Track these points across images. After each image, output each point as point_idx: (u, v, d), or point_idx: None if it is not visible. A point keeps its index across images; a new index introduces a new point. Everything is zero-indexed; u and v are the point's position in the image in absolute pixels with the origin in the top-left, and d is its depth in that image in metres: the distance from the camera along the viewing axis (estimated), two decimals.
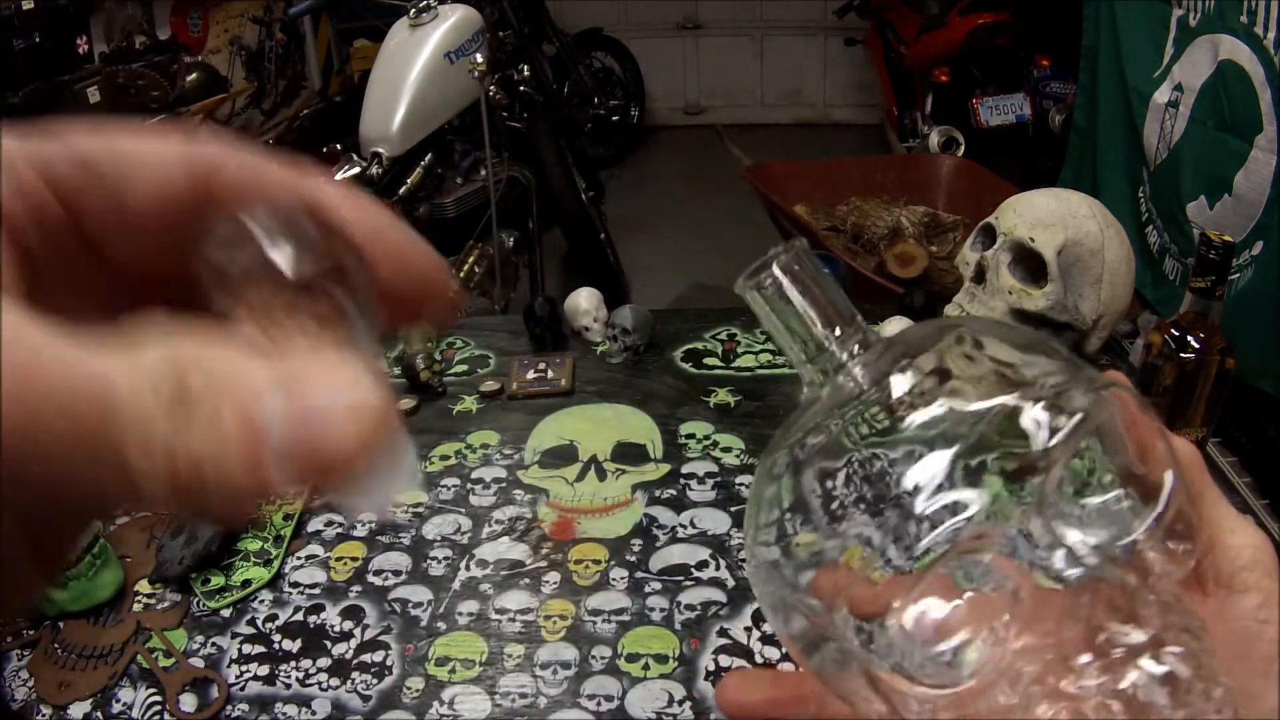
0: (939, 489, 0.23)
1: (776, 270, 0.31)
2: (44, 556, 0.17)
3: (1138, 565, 0.25)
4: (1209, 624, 0.27)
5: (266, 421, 0.15)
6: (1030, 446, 0.23)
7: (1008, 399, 0.24)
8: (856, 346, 0.28)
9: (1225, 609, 0.29)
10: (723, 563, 0.86)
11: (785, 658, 0.75)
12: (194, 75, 2.94)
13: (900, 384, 0.25)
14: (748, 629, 0.78)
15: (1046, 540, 0.24)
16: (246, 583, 0.86)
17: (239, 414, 0.15)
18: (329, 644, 0.80)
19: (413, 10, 2.44)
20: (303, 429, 0.15)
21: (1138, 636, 0.23)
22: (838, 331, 0.29)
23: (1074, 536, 0.24)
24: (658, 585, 0.84)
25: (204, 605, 0.84)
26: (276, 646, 0.80)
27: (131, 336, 0.16)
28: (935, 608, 0.24)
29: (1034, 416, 0.24)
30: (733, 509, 0.91)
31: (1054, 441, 0.23)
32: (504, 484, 0.99)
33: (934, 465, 0.23)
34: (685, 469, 1.00)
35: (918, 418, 0.24)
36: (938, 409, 0.24)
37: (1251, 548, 0.30)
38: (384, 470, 0.16)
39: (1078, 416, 0.24)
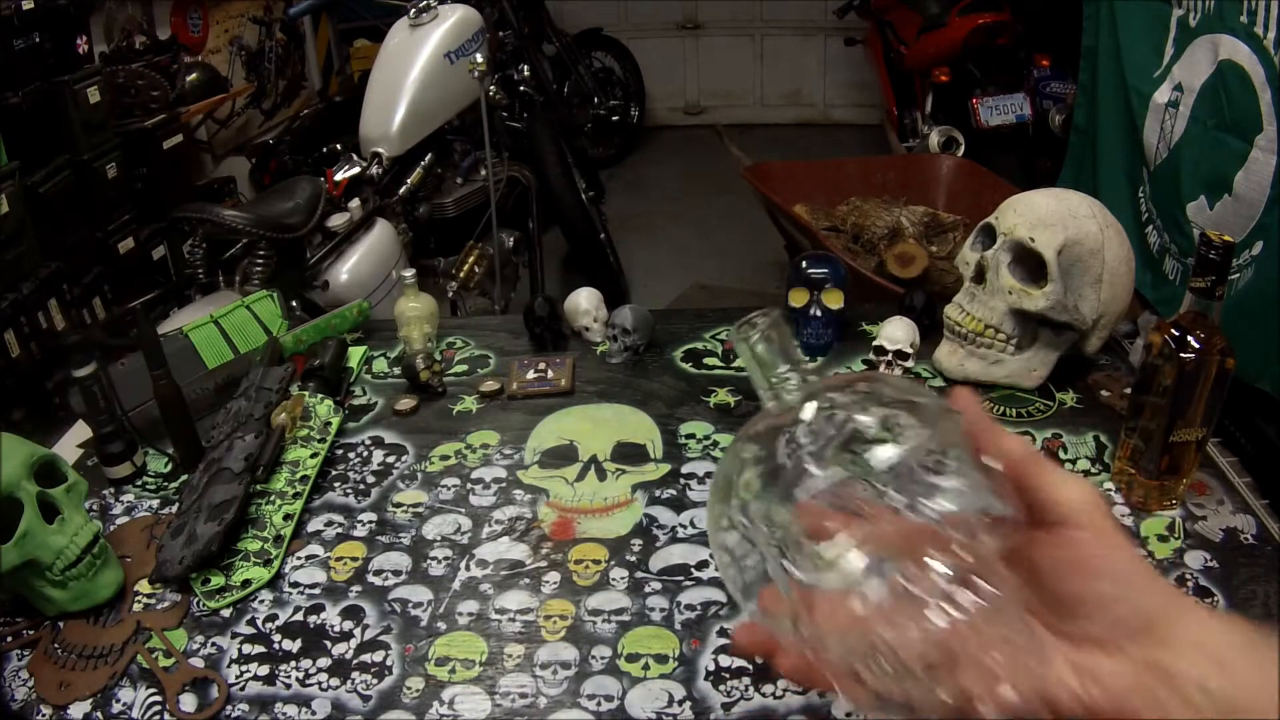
0: (826, 461, 0.41)
1: (759, 329, 0.49)
2: None
3: (958, 521, 0.39)
4: (1056, 557, 0.42)
5: None
6: (885, 438, 0.41)
7: (868, 413, 0.42)
8: (795, 380, 0.47)
9: (1066, 543, 0.42)
10: None
11: None
12: (194, 75, 2.94)
13: (809, 408, 0.43)
14: None
15: (901, 496, 0.39)
16: (246, 583, 0.86)
17: None
18: (329, 644, 0.80)
19: (413, 10, 2.44)
20: None
21: (943, 564, 0.38)
22: (787, 370, 0.48)
23: (921, 497, 0.39)
24: (658, 585, 0.84)
25: (204, 605, 0.84)
26: (276, 646, 0.80)
27: None
28: (825, 527, 0.40)
29: (882, 419, 0.41)
30: None
31: (904, 436, 0.41)
32: (504, 484, 0.99)
33: (826, 447, 0.41)
34: (685, 469, 1.00)
35: (817, 424, 0.42)
36: (828, 419, 0.42)
37: (1079, 497, 0.42)
38: None
39: (918, 426, 0.41)
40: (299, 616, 0.83)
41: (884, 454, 0.40)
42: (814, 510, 0.40)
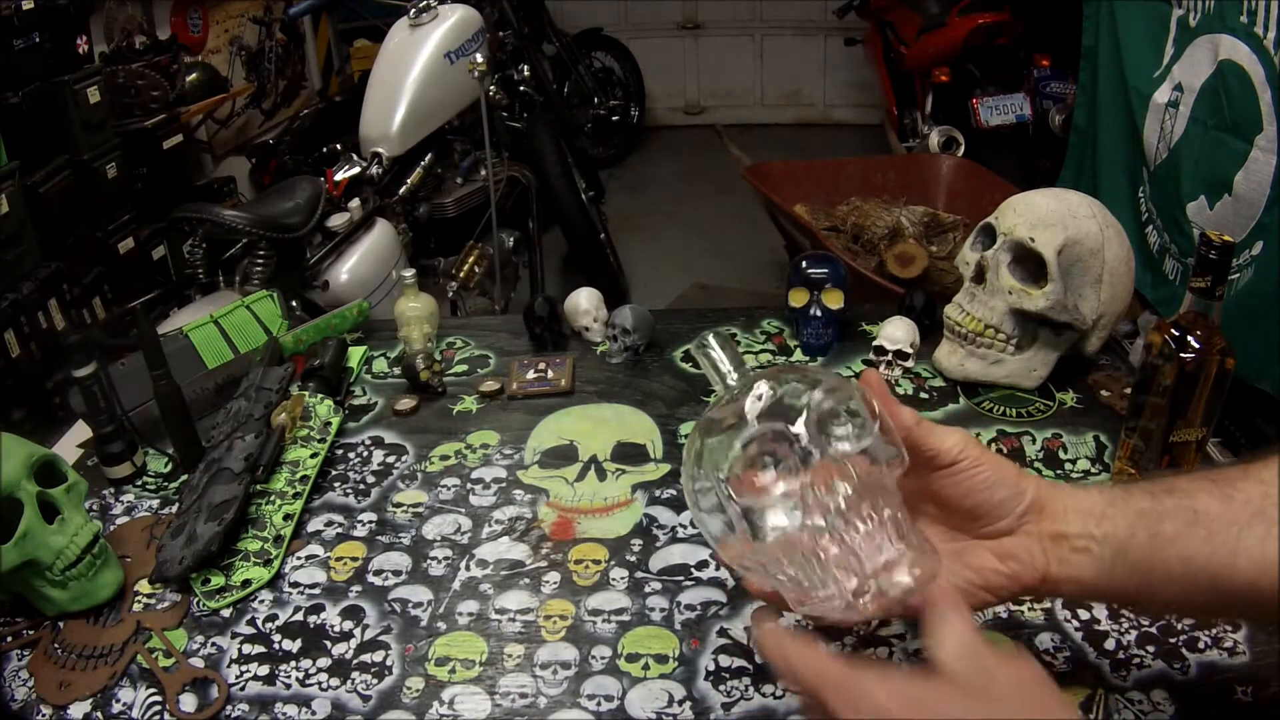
0: (761, 419, 0.55)
1: (711, 340, 0.66)
2: None
3: (858, 460, 0.54)
4: (957, 486, 0.59)
5: None
6: (807, 406, 0.55)
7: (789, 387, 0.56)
8: (740, 381, 0.62)
9: (952, 477, 0.59)
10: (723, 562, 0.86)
11: None
12: (194, 75, 2.93)
13: (749, 390, 0.57)
14: (748, 629, 0.78)
15: (816, 445, 0.54)
16: (246, 583, 0.86)
17: None
18: (329, 644, 0.80)
19: (413, 10, 2.44)
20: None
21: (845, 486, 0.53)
22: (735, 373, 0.64)
23: (828, 442, 0.54)
24: (658, 585, 0.84)
25: (204, 605, 0.84)
26: (276, 646, 0.80)
27: None
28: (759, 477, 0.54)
29: (802, 391, 0.56)
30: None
31: (813, 402, 0.55)
32: (504, 484, 0.99)
33: (760, 412, 0.55)
34: None
35: (754, 407, 0.56)
36: (767, 398, 0.56)
37: (958, 440, 0.59)
38: None
39: (823, 395, 0.55)
40: (299, 616, 0.83)
41: (802, 417, 0.54)
42: (751, 458, 0.55)
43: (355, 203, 2.25)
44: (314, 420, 1.05)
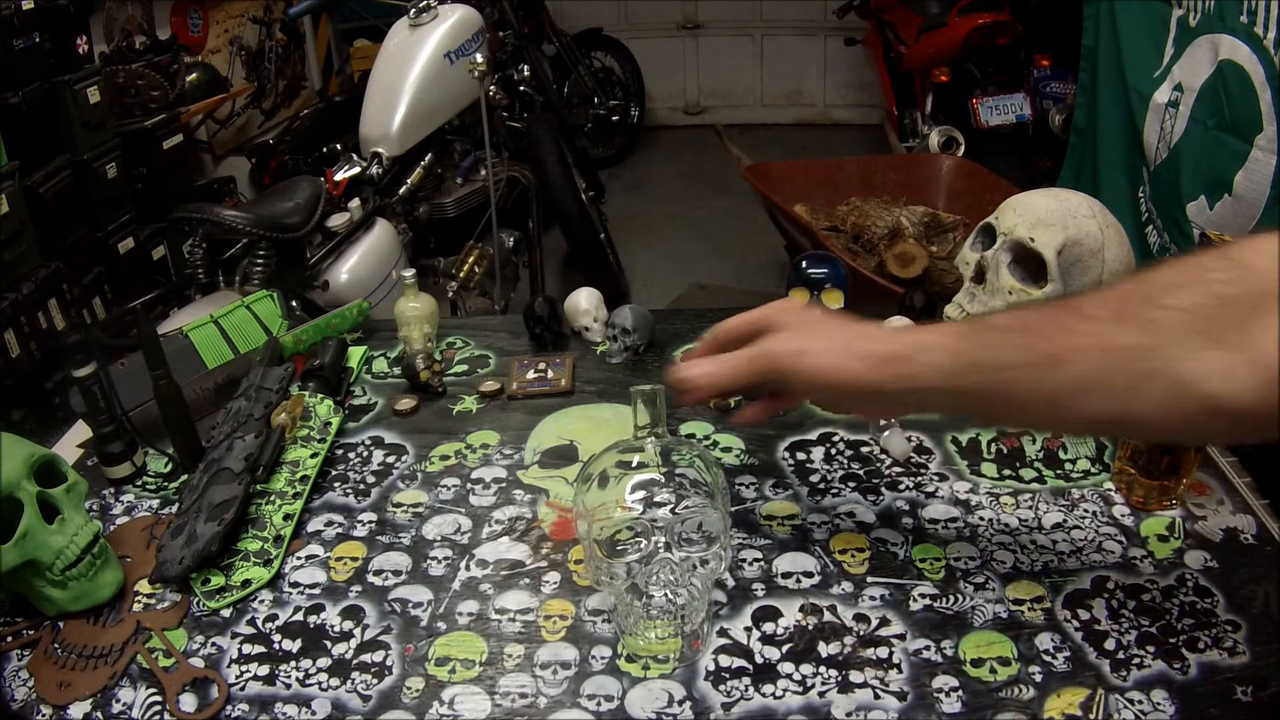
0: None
1: (647, 395, 0.84)
2: None
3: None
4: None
5: None
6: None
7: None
8: (650, 438, 0.83)
9: (796, 396, 0.83)
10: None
11: (784, 658, 0.75)
12: (194, 75, 2.93)
13: (634, 483, 0.77)
14: (748, 629, 0.78)
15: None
16: (246, 583, 0.86)
17: None
18: (329, 644, 0.80)
19: (413, 10, 2.44)
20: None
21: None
22: (651, 429, 0.85)
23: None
24: None
25: (204, 605, 0.84)
26: (276, 646, 0.80)
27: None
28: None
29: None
30: (733, 509, 0.91)
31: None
32: (504, 484, 0.99)
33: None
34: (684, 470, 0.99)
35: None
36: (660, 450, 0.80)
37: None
38: None
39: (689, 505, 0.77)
40: (299, 616, 0.83)
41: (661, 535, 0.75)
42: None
43: (355, 203, 2.25)
44: (314, 420, 1.05)
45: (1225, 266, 0.56)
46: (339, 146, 2.58)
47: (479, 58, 2.30)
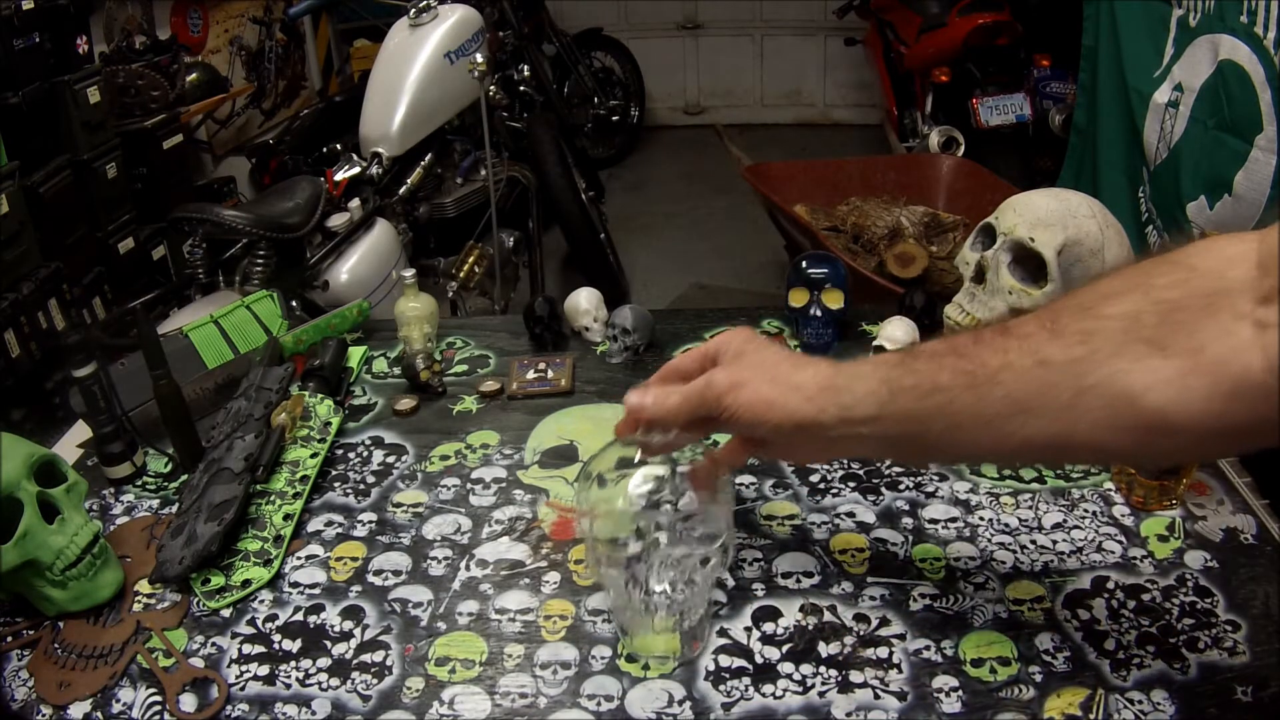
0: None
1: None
2: None
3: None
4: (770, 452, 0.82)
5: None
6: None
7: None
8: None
9: (758, 447, 0.75)
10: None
11: (784, 658, 0.75)
12: (194, 75, 2.93)
13: (636, 480, 0.78)
14: (748, 629, 0.78)
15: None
16: (246, 583, 0.86)
17: None
18: (329, 644, 0.80)
19: (413, 10, 2.44)
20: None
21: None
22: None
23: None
24: None
25: (204, 605, 0.84)
26: (276, 646, 0.80)
27: None
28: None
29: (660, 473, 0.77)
30: (733, 509, 0.91)
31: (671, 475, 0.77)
32: (504, 484, 0.99)
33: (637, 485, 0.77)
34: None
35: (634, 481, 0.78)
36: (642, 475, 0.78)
37: (734, 441, 0.76)
38: None
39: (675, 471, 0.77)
40: (299, 616, 0.83)
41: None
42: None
43: (355, 203, 2.25)
44: (314, 420, 1.05)
45: (1169, 270, 0.53)
46: (339, 146, 2.58)
47: (479, 58, 2.30)
